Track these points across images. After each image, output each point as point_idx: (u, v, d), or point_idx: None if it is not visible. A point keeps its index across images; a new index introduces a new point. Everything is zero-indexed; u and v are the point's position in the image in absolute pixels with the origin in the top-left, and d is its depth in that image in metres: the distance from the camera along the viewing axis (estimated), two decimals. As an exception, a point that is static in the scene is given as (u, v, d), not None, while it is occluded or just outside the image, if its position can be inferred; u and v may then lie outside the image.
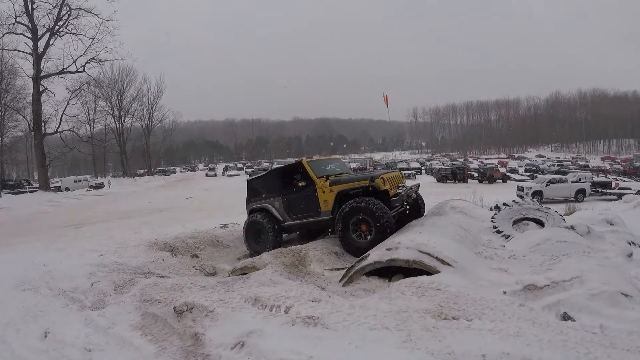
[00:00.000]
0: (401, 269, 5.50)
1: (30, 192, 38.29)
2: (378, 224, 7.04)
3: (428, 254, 5.32)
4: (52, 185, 43.04)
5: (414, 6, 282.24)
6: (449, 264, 5.16)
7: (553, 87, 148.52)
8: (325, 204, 7.98)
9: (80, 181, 47.71)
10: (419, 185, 9.30)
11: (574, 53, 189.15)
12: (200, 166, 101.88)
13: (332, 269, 6.72)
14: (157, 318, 4.98)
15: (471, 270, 5.22)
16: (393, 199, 7.59)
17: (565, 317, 4.14)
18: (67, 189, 43.86)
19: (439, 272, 5.07)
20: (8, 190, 39.68)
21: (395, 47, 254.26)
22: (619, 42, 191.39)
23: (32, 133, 37.58)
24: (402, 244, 5.64)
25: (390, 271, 5.68)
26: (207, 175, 64.85)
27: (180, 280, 6.43)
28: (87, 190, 41.10)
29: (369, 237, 7.17)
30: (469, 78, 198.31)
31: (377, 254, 5.75)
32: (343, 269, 6.46)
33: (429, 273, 5.13)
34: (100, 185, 46.15)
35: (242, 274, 6.67)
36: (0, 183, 39.59)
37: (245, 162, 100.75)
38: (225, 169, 70.25)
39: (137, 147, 70.16)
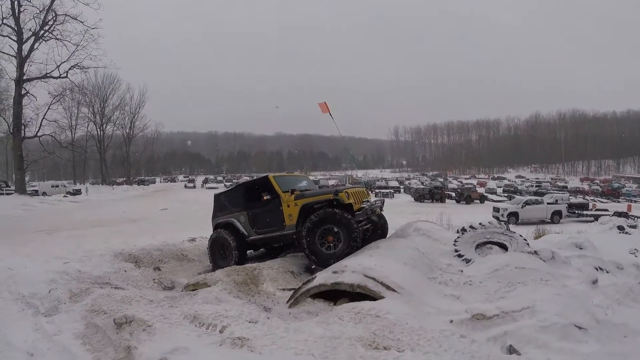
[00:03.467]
0: (348, 293, 5.34)
1: (7, 194, 37.49)
2: (348, 233, 7.11)
3: (373, 278, 5.17)
4: (30, 189, 42.51)
5: (395, 26, 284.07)
6: (394, 290, 4.99)
7: (533, 108, 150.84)
8: (290, 217, 7.92)
9: (57, 186, 47.10)
10: (383, 202, 9.31)
11: (554, 74, 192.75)
12: (181, 177, 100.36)
13: (284, 289, 6.58)
14: (98, 329, 5.00)
15: (419, 297, 5.04)
16: (357, 213, 7.54)
17: (511, 350, 3.97)
18: (44, 193, 43.32)
19: (384, 297, 4.90)
20: (-16, 192, 38.88)
21: (379, 65, 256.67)
22: (599, 64, 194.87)
23: (12, 135, 36.70)
24: (349, 267, 5.52)
25: (338, 294, 5.51)
26: (186, 186, 63.98)
27: (131, 292, 6.37)
28: (64, 196, 40.46)
29: (337, 248, 7.20)
30: (451, 98, 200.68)
31: (324, 277, 5.63)
32: (295, 289, 6.27)
33: (374, 298, 4.96)
34: (77, 192, 45.46)
35: (194, 289, 6.59)
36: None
37: (225, 175, 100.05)
38: (205, 181, 69.61)
39: (118, 156, 69.53)
